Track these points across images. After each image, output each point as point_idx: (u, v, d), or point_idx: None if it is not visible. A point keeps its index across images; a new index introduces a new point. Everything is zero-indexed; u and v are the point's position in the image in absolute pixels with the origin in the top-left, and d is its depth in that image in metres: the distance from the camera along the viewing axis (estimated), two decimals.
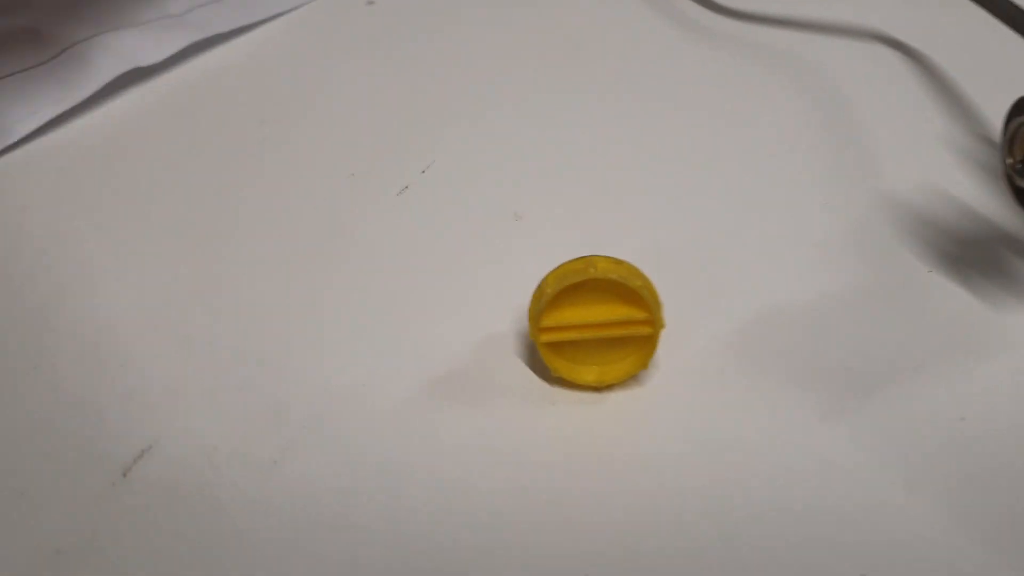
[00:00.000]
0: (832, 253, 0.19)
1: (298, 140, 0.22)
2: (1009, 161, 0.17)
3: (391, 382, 0.17)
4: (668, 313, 0.16)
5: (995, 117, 0.21)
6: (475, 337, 0.17)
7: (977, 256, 0.18)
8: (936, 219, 0.19)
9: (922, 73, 0.23)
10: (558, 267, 0.16)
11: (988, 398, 0.16)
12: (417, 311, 0.18)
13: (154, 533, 0.15)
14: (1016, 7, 0.19)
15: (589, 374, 0.17)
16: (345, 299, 0.18)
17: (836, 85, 0.22)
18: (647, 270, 0.16)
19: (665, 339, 0.16)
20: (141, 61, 0.23)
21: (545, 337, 0.16)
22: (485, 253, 0.19)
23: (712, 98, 0.23)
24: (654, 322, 0.16)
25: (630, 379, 0.17)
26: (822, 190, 0.20)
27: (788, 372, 0.17)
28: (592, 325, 0.16)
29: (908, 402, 0.16)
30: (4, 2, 0.24)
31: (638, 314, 0.16)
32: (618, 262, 0.16)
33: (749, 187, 0.20)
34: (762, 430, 0.16)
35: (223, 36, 0.25)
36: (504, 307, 0.18)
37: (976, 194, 0.19)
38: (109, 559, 0.14)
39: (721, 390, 0.16)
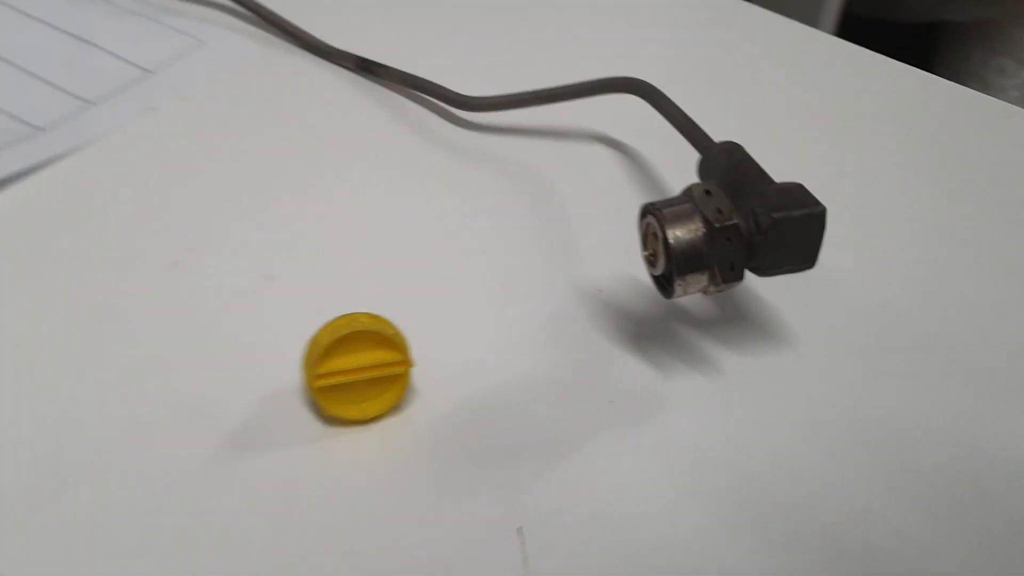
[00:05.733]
0: (532, 331, 0.24)
1: (73, 229, 0.25)
2: (644, 253, 0.22)
3: (170, 438, 0.20)
4: (416, 354, 0.21)
5: None
6: (252, 391, 0.21)
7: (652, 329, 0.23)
8: (620, 302, 0.24)
9: (631, 166, 0.28)
10: (327, 323, 0.20)
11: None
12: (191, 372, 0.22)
13: None
14: (683, 114, 0.25)
15: (355, 411, 0.21)
16: (119, 368, 0.22)
17: (555, 183, 0.28)
18: (395, 321, 0.21)
19: (417, 374, 0.21)
20: None
21: (319, 383, 0.20)
22: (244, 316, 0.23)
23: (443, 191, 0.27)
24: (406, 361, 0.21)
25: (392, 409, 0.21)
26: (527, 276, 0.25)
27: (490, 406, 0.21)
28: (357, 369, 0.20)
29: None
30: None
31: (394, 356, 0.20)
32: (374, 316, 0.20)
33: (469, 267, 0.25)
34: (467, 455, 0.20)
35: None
36: (275, 361, 0.22)
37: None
38: None
39: (463, 411, 0.21)
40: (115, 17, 0.33)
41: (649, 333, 0.23)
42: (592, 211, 0.26)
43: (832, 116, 0.31)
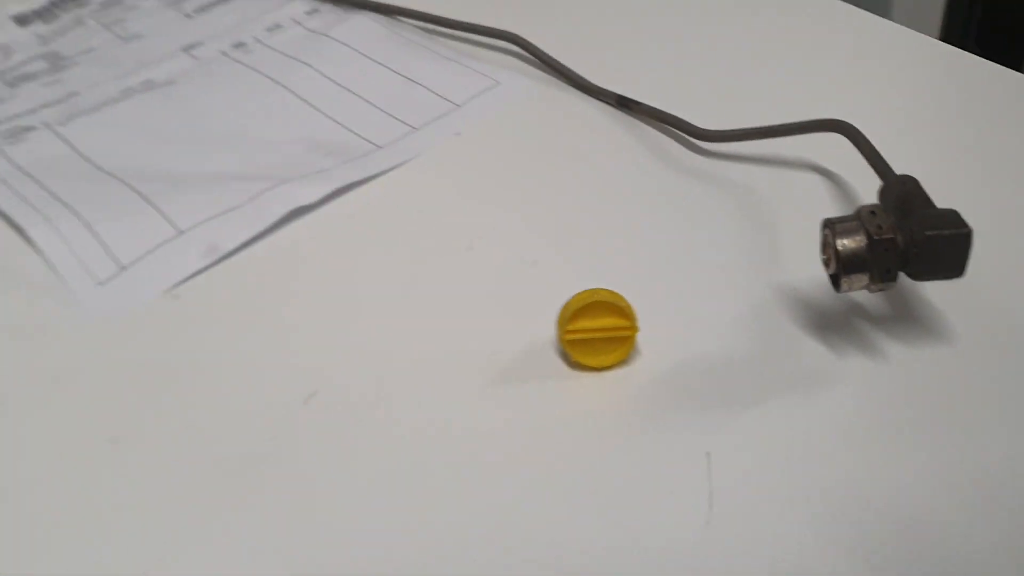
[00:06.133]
0: (735, 316, 0.30)
1: (400, 219, 0.34)
2: (822, 257, 0.28)
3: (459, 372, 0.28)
4: (642, 323, 0.28)
5: None
6: (523, 342, 0.29)
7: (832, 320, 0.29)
8: (809, 297, 0.30)
9: (832, 190, 0.34)
10: (576, 294, 0.28)
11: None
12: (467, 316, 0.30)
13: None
14: (874, 150, 0.31)
15: (593, 360, 0.28)
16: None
17: (769, 201, 0.34)
18: (628, 297, 0.28)
19: (641, 338, 0.28)
20: (303, 201, 0.36)
21: (568, 337, 0.28)
22: (518, 289, 0.31)
23: (677, 204, 0.34)
24: (633, 327, 0.28)
25: (621, 362, 0.28)
26: (736, 273, 0.31)
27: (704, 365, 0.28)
28: (597, 329, 0.28)
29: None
30: (241, 165, 0.37)
31: (624, 323, 0.28)
32: (612, 291, 0.28)
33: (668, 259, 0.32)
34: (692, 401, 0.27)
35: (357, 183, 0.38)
36: (539, 322, 0.29)
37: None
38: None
39: (674, 370, 0.28)
40: (435, 62, 0.42)
41: (829, 323, 0.29)
42: (796, 225, 0.33)
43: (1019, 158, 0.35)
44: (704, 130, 0.36)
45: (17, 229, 0.35)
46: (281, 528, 0.25)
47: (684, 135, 0.37)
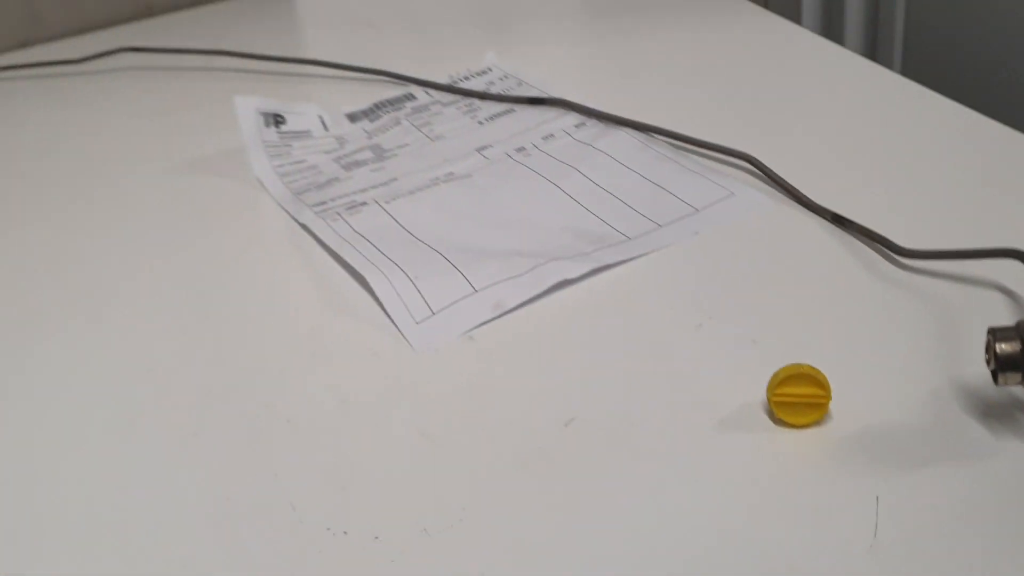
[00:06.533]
0: (916, 397, 0.37)
1: (643, 293, 0.43)
2: (986, 356, 0.35)
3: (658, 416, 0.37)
4: (835, 394, 0.35)
5: None
6: (738, 400, 0.37)
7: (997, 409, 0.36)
8: (978, 388, 0.36)
9: (1013, 307, 0.41)
10: (784, 367, 0.36)
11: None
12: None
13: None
14: None
15: (794, 419, 0.36)
16: None
17: (957, 310, 0.41)
18: (825, 372, 0.36)
19: (833, 405, 0.36)
20: (568, 275, 0.46)
21: (775, 399, 0.36)
22: (740, 363, 0.39)
23: (873, 308, 0.42)
24: (827, 396, 0.36)
25: (815, 423, 0.36)
26: (913, 363, 0.38)
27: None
28: (798, 395, 0.36)
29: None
30: (522, 244, 0.47)
31: (820, 392, 0.36)
32: (812, 367, 0.36)
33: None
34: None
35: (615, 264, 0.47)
36: (753, 387, 0.37)
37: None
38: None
39: (859, 432, 0.35)
40: (680, 173, 0.52)
41: (991, 411, 0.36)
42: (974, 331, 0.39)
43: None
44: (905, 248, 0.44)
45: (359, 278, 0.46)
46: (551, 523, 0.34)
47: (888, 251, 0.44)
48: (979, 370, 0.37)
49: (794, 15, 1.09)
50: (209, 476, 0.37)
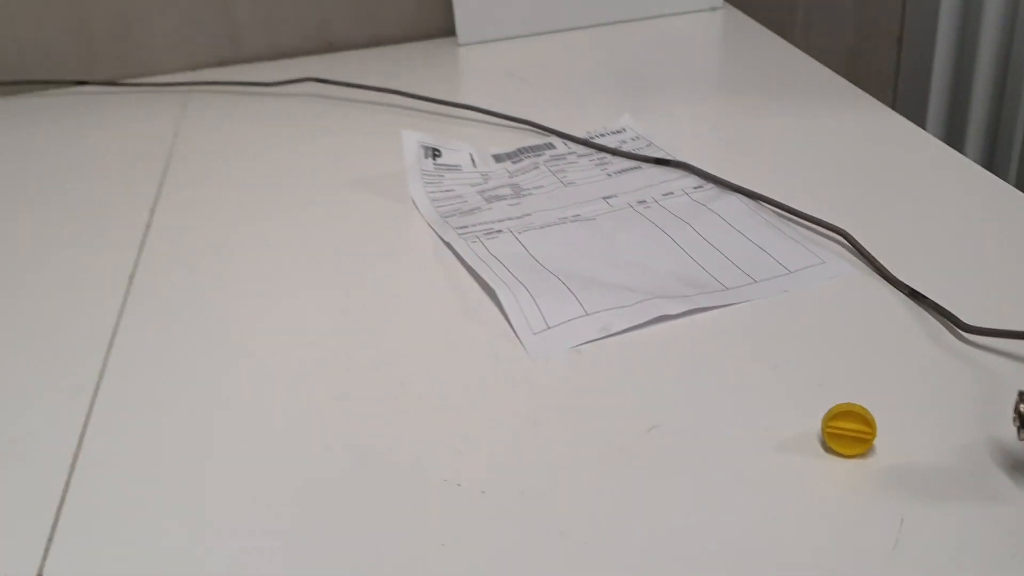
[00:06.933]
0: (959, 453, 0.43)
1: (733, 340, 0.50)
2: (1013, 416, 0.41)
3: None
4: (881, 432, 0.42)
5: None
6: (799, 429, 0.44)
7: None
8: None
9: None
10: (838, 404, 0.43)
11: None
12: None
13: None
14: None
15: (843, 450, 0.42)
16: None
17: (1009, 386, 0.46)
18: (873, 412, 0.42)
19: (879, 441, 0.42)
20: (669, 312, 0.53)
21: (828, 431, 0.42)
22: (809, 403, 0.45)
23: (931, 379, 0.48)
24: (873, 433, 0.42)
25: (862, 455, 0.42)
26: (953, 419, 0.44)
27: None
28: (848, 430, 0.42)
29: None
30: (631, 281, 0.55)
31: (868, 429, 0.42)
32: (863, 407, 0.42)
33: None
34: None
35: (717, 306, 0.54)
36: (811, 420, 0.44)
37: None
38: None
39: (899, 465, 0.42)
40: (780, 237, 0.59)
41: (1018, 464, 0.41)
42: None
43: None
44: (969, 324, 0.50)
45: (489, 292, 0.55)
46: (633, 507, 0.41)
47: (953, 325, 0.50)
48: (1013, 430, 0.43)
49: (919, 119, 1.14)
50: (352, 431, 0.46)
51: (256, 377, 0.50)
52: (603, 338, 0.51)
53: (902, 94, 1.16)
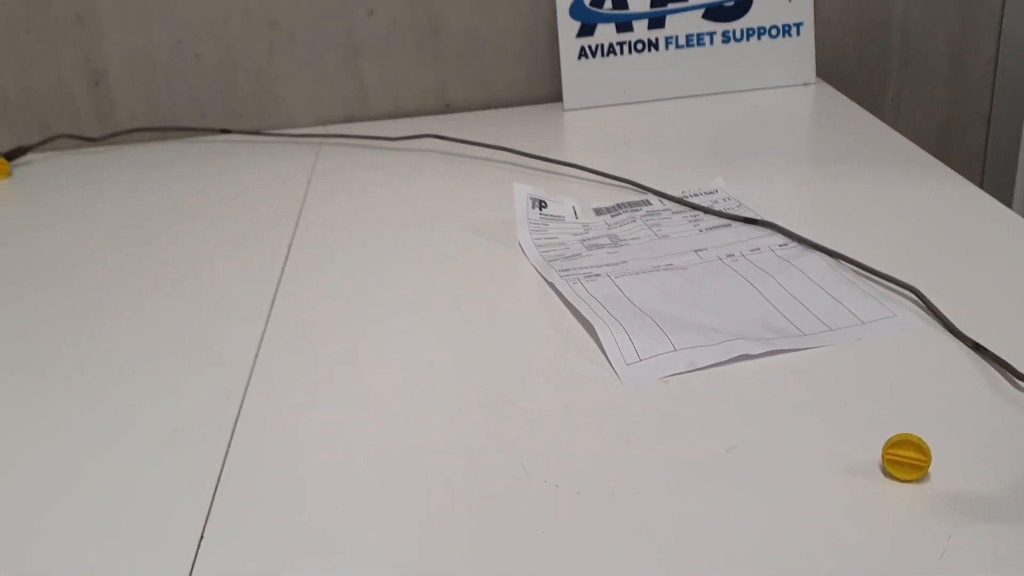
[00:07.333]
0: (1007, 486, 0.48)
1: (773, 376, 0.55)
2: None
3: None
4: (935, 461, 0.47)
5: None
6: (865, 457, 0.49)
7: None
8: None
9: None
10: (899, 434, 0.48)
11: None
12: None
13: None
14: None
15: (901, 475, 0.48)
16: None
17: None
18: (929, 443, 0.47)
19: (933, 469, 0.47)
20: (750, 352, 0.59)
21: (888, 456, 0.48)
22: (861, 434, 0.51)
23: (983, 424, 0.52)
24: (927, 462, 0.47)
25: (918, 480, 0.47)
26: (999, 457, 0.49)
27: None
28: (905, 457, 0.47)
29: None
30: (717, 323, 0.61)
31: (923, 457, 0.47)
32: (920, 438, 0.47)
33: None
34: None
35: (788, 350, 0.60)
36: (872, 448, 0.49)
37: None
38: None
39: (945, 493, 0.46)
40: (857, 293, 0.64)
41: None
42: None
43: None
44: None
45: (588, 327, 0.61)
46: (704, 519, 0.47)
47: (1013, 376, 0.55)
48: None
49: (1006, 197, 1.18)
50: (464, 440, 0.53)
51: (383, 389, 0.58)
52: (689, 371, 0.57)
53: (990, 172, 1.20)
